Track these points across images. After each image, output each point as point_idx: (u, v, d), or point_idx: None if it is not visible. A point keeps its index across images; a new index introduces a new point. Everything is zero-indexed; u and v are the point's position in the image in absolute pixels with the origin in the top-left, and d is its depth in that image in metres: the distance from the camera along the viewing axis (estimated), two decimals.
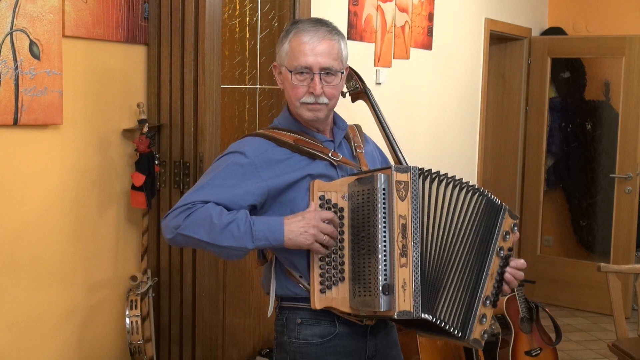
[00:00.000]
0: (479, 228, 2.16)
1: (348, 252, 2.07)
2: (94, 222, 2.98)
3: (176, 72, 3.05)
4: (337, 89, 2.18)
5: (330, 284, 2.07)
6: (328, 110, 2.19)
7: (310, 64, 2.11)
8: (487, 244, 2.16)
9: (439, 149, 5.34)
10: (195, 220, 2.02)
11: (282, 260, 2.17)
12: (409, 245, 1.99)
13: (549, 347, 4.17)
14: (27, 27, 2.61)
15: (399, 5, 4.66)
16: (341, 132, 2.28)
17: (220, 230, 2.00)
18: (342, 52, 2.17)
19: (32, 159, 2.72)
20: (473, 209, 2.15)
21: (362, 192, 2.04)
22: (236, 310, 3.34)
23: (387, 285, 1.97)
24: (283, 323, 2.21)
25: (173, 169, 3.10)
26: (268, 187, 2.09)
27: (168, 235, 2.08)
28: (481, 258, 2.15)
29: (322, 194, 2.08)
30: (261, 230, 2.02)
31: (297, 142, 2.16)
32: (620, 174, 6.14)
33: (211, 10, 2.98)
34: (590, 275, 6.02)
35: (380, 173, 2.02)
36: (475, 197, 2.16)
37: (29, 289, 2.75)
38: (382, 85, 4.55)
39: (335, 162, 2.17)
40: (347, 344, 2.17)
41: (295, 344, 2.18)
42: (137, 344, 3.00)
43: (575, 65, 6.61)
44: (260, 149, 2.14)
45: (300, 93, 2.14)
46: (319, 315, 2.15)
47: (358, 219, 2.05)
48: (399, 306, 1.96)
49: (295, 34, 2.14)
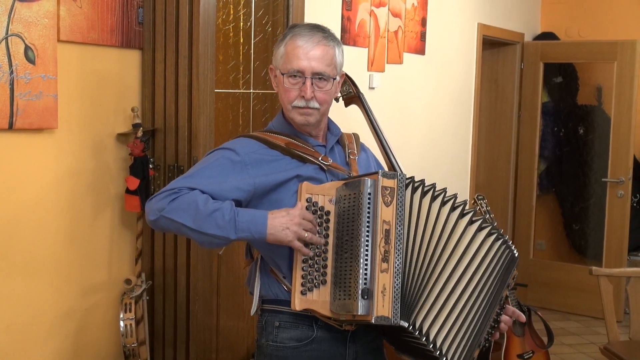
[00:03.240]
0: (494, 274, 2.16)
1: (331, 256, 2.06)
2: (89, 226, 2.99)
3: (170, 76, 3.06)
4: (329, 94, 2.18)
5: (312, 286, 2.05)
6: (320, 115, 2.19)
7: (302, 68, 2.12)
8: (498, 293, 2.17)
9: (432, 154, 5.36)
10: (181, 204, 2.02)
11: (267, 259, 2.18)
12: (392, 252, 1.97)
13: (541, 350, 4.18)
14: (22, 32, 2.62)
15: (392, 10, 4.68)
16: (334, 137, 2.29)
17: (205, 217, 2.00)
18: (336, 59, 2.18)
19: (27, 163, 2.73)
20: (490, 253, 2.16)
21: (348, 196, 2.04)
22: (230, 313, 3.35)
23: (366, 289, 1.95)
24: (262, 325, 2.21)
25: (167, 172, 3.11)
26: (255, 185, 2.10)
27: (151, 217, 2.08)
28: (491, 305, 2.16)
29: (310, 197, 2.08)
30: (245, 222, 2.01)
31: (288, 145, 2.17)
32: (612, 178, 6.18)
33: (205, 15, 3.00)
34: (582, 279, 6.04)
35: (367, 178, 2.02)
36: (493, 239, 2.16)
37: (24, 292, 2.76)
38: (376, 90, 4.57)
39: (325, 166, 2.17)
40: (324, 349, 2.16)
41: (272, 347, 2.18)
42: (132, 347, 3.00)
43: (567, 70, 6.64)
44: (252, 149, 2.16)
45: (292, 96, 2.15)
46: (297, 319, 2.14)
47: (343, 223, 2.05)
48: (377, 311, 1.94)
49: (291, 38, 2.15)
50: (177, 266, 3.12)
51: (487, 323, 2.16)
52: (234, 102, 3.47)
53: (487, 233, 2.16)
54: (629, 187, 6.13)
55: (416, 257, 2.06)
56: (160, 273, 3.18)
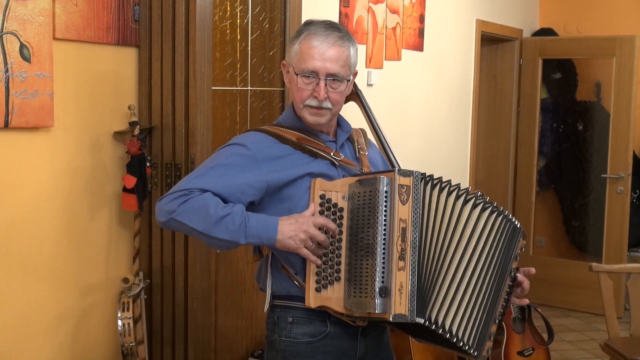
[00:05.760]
0: (501, 249, 2.18)
1: (345, 253, 2.06)
2: (86, 225, 2.98)
3: (167, 74, 3.05)
4: (342, 95, 2.18)
5: (326, 283, 2.06)
6: (331, 115, 2.20)
7: (317, 69, 2.11)
8: (504, 266, 2.20)
9: (431, 151, 5.35)
10: (191, 207, 2.03)
11: (279, 256, 2.17)
12: (408, 249, 1.99)
13: (541, 347, 4.18)
14: (17, 30, 2.61)
15: (390, 6, 4.67)
16: (345, 134, 2.29)
17: (215, 221, 2.01)
18: (350, 59, 2.18)
19: (23, 161, 2.71)
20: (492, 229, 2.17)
21: (363, 193, 2.04)
22: (228, 312, 3.34)
23: (384, 287, 1.96)
24: (274, 321, 2.21)
25: (164, 171, 3.10)
26: (267, 182, 2.09)
27: (161, 219, 2.08)
28: (499, 280, 2.18)
29: (323, 193, 2.09)
30: (255, 227, 2.03)
31: (300, 140, 2.16)
32: (611, 174, 6.17)
33: (202, 12, 2.99)
34: (582, 276, 6.03)
35: (383, 176, 2.01)
36: (500, 218, 2.18)
37: (21, 292, 2.75)
38: (374, 86, 4.56)
39: (337, 162, 2.17)
40: (337, 344, 2.17)
41: (285, 342, 2.18)
42: (130, 346, 2.99)
43: (566, 66, 6.63)
44: (263, 144, 2.15)
45: (304, 96, 2.14)
46: (310, 315, 2.15)
47: (357, 220, 2.05)
48: (395, 309, 1.95)
49: (307, 37, 2.14)
50: (175, 265, 3.11)
51: (500, 297, 2.19)
52: (231, 100, 3.46)
53: (482, 208, 2.16)
54: (628, 183, 6.12)
55: (432, 252, 2.07)
56: (158, 272, 3.17)
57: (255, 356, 3.46)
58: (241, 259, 3.38)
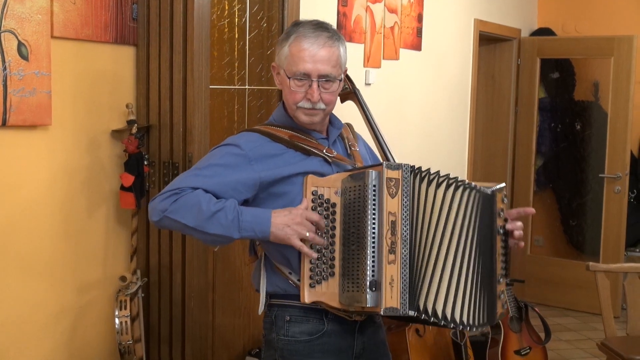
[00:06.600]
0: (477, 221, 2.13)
1: (339, 248, 2.07)
2: (84, 223, 2.98)
3: (165, 72, 3.05)
4: (334, 94, 2.20)
5: (320, 278, 2.07)
6: (325, 115, 2.21)
7: (309, 71, 2.12)
8: (487, 231, 2.17)
9: (428, 150, 5.35)
10: (183, 205, 2.04)
11: (273, 255, 2.18)
12: (398, 242, 2.00)
13: (538, 346, 4.18)
14: (15, 28, 2.61)
15: (388, 6, 4.67)
16: (336, 130, 2.30)
17: (207, 217, 2.02)
18: (341, 59, 2.19)
19: (20, 160, 2.72)
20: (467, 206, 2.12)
21: (354, 188, 2.05)
22: (226, 310, 3.34)
23: (374, 281, 1.98)
24: (272, 320, 2.22)
25: (162, 169, 3.10)
26: (260, 179, 2.10)
27: (154, 218, 2.10)
28: (488, 247, 2.16)
29: (315, 189, 2.10)
30: (248, 221, 2.03)
31: (292, 138, 2.18)
32: (609, 174, 6.17)
33: (200, 11, 2.99)
34: (579, 275, 6.04)
35: (371, 170, 2.02)
36: (467, 193, 2.12)
37: (19, 290, 2.75)
38: (372, 86, 4.56)
39: (330, 158, 2.18)
40: (335, 342, 2.18)
41: (283, 341, 2.19)
42: (127, 344, 3.00)
43: (564, 66, 6.63)
44: (256, 143, 2.16)
45: (297, 98, 2.15)
46: (308, 313, 2.16)
47: (349, 215, 2.06)
48: (386, 302, 1.96)
49: (296, 39, 2.14)
50: (173, 263, 3.12)
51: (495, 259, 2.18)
52: (229, 99, 3.47)
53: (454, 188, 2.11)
54: (626, 182, 6.13)
55: (422, 243, 2.07)
56: (156, 270, 3.17)
57: (252, 354, 3.46)
58: (238, 257, 3.38)
